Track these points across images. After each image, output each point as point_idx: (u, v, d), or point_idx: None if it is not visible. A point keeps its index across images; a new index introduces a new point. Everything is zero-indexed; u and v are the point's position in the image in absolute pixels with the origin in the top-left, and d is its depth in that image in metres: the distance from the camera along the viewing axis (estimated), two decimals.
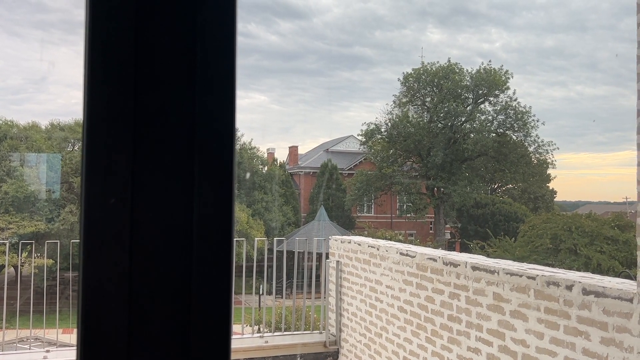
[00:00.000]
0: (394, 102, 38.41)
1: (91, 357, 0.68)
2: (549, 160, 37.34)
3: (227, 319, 0.73)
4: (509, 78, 36.47)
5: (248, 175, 31.93)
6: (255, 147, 35.19)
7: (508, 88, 36.53)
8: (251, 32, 47.86)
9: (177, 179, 0.71)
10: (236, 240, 12.30)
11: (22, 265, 15.80)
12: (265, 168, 36.53)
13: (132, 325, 0.69)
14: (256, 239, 7.68)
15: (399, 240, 22.27)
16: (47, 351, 5.61)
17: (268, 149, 42.29)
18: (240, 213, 28.25)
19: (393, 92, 57.58)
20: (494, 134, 36.45)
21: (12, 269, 18.68)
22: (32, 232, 21.43)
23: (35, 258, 14.37)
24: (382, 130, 37.51)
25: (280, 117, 56.02)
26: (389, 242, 5.97)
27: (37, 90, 39.29)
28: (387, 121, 37.53)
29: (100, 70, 0.69)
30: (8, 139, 24.66)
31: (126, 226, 0.69)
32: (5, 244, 15.36)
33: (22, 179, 23.11)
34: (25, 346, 6.78)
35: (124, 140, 0.69)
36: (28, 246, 15.13)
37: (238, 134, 34.37)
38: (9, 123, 26.08)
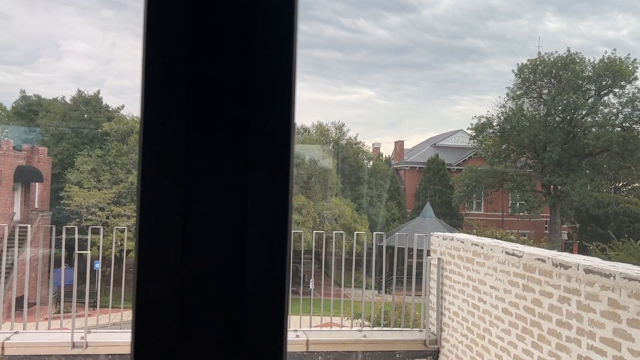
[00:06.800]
0: (508, 94, 36.90)
1: (143, 345, 0.68)
2: None
3: (282, 314, 0.70)
4: (637, 68, 33.68)
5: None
6: (360, 142, 35.28)
7: (636, 79, 33.77)
8: (360, 27, 48.03)
9: (230, 164, 0.69)
10: (337, 233, 12.46)
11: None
12: (371, 163, 36.51)
13: (183, 314, 0.68)
14: (356, 232, 7.71)
15: (510, 240, 21.31)
16: None
17: (373, 144, 42.28)
18: (345, 207, 28.47)
19: (506, 84, 55.33)
20: (618, 128, 33.84)
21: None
22: None
23: None
24: (494, 124, 36.10)
25: (387, 112, 55.79)
26: (495, 240, 5.70)
27: None
28: (500, 115, 36.08)
29: (156, 54, 0.69)
30: (134, 133, 26.66)
31: (179, 209, 0.68)
32: (129, 230, 16.58)
33: None
34: None
35: (179, 124, 0.68)
36: None
37: (344, 128, 34.61)
38: (136, 119, 28.20)
